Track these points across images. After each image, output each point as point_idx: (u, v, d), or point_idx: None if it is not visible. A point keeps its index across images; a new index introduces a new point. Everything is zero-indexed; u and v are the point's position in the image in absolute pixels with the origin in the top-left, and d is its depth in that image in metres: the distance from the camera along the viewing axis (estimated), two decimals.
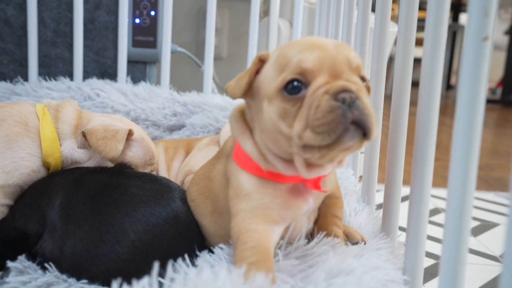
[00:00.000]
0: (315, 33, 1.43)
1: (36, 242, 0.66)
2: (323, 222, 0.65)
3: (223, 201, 0.62)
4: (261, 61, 0.57)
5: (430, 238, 1.15)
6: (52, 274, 0.61)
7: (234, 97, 0.56)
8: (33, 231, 0.66)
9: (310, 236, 0.64)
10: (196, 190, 0.69)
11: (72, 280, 0.60)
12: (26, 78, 1.35)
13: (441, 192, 1.61)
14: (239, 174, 0.58)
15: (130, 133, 0.82)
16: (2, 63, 1.36)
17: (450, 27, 5.30)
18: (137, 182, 0.67)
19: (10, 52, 1.36)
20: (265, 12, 1.91)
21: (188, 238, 0.64)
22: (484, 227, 1.27)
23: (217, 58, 1.80)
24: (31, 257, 0.66)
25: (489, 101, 4.88)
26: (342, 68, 0.52)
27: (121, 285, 0.53)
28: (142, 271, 0.58)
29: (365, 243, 0.65)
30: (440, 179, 1.78)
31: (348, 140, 0.49)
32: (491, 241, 1.22)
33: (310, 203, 0.59)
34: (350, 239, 0.66)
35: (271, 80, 0.54)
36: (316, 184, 0.58)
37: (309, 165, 0.54)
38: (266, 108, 0.53)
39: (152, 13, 1.37)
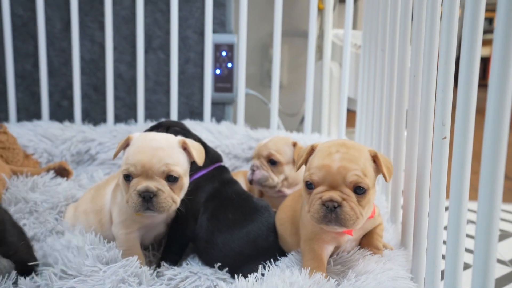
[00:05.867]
0: (359, 73, 1.73)
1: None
2: (370, 238, 0.95)
3: (299, 227, 0.95)
4: (312, 150, 0.87)
5: None
6: (188, 270, 0.99)
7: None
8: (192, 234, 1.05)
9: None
10: (285, 218, 1.01)
11: (200, 274, 0.97)
12: (135, 118, 1.77)
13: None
14: (304, 214, 0.91)
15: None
16: (116, 107, 1.78)
17: None
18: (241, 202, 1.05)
19: (122, 98, 1.78)
20: (319, 46, 2.23)
21: (264, 252, 0.99)
22: (501, 237, 1.53)
23: (279, 86, 2.14)
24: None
25: None
26: (338, 183, 0.78)
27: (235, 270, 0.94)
28: (246, 263, 0.96)
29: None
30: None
31: (331, 228, 0.81)
32: (504, 249, 1.49)
33: (350, 236, 0.90)
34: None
35: (305, 171, 0.86)
36: (350, 231, 0.86)
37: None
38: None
39: (229, 65, 1.74)
